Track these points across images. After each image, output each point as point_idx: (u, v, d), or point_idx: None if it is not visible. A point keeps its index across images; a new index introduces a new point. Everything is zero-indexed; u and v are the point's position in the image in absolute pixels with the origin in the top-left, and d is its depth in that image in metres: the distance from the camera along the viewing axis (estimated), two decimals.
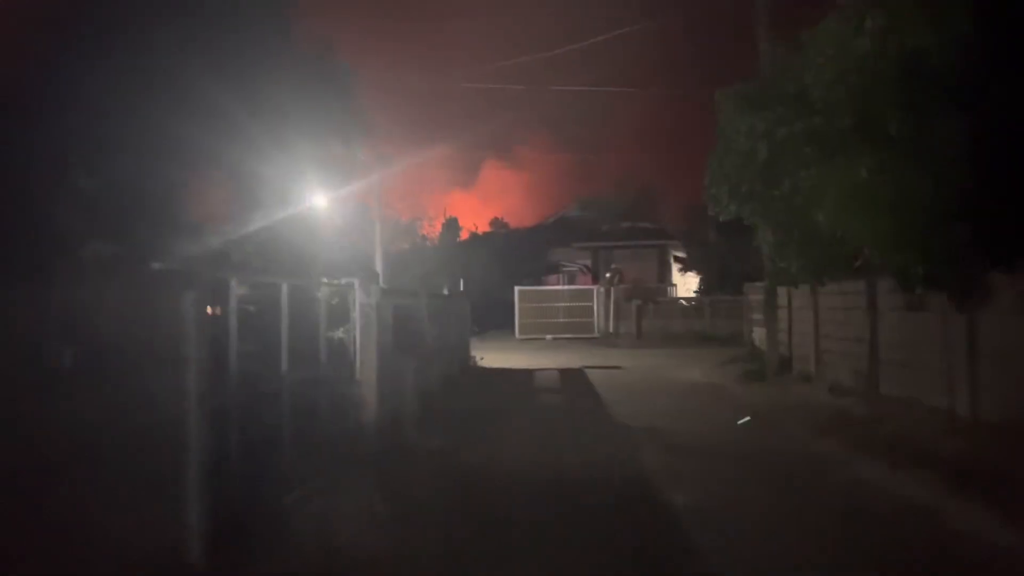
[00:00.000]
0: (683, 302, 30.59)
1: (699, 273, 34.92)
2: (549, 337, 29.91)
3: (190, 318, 5.03)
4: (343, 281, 9.80)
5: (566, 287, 34.97)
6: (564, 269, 43.88)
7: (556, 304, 30.89)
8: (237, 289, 12.46)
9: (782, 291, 16.01)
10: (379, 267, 27.00)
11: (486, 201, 57.17)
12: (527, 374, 18.85)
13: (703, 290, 33.05)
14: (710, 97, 12.52)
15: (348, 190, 24.66)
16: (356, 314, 9.62)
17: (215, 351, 7.22)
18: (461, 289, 28.34)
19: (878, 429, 10.05)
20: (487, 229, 45.57)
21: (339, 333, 10.51)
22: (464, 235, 41.71)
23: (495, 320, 32.49)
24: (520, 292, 30.91)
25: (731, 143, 11.41)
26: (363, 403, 9.62)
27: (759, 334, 18.43)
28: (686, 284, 37.31)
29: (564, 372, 19.19)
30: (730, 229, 32.21)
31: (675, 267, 42.05)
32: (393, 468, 8.66)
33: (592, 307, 30.53)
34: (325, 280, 10.64)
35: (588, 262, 42.11)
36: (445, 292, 27.99)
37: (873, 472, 8.18)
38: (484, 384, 16.11)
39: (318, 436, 8.74)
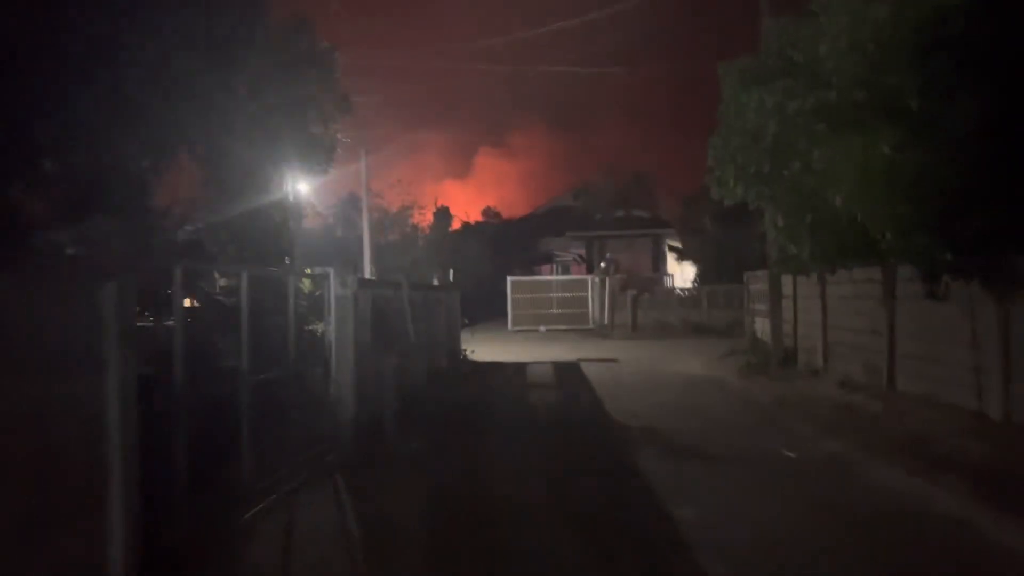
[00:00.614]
0: (679, 292, 29.80)
1: (695, 263, 34.18)
2: (543, 328, 29.15)
3: (110, 313, 4.22)
4: (317, 271, 9.00)
5: (560, 277, 34.20)
6: (557, 259, 43.12)
7: (550, 295, 30.09)
8: (219, 281, 11.63)
9: (787, 279, 15.24)
10: (367, 257, 26.25)
11: (481, 191, 56.51)
12: (519, 368, 18.08)
13: (699, 280, 32.30)
14: (709, 77, 11.74)
15: (334, 175, 23.85)
16: (331, 307, 8.82)
17: (163, 348, 6.44)
18: (451, 279, 27.59)
19: (896, 429, 9.31)
20: (479, 219, 44.83)
21: (321, 327, 9.73)
22: (456, 225, 40.93)
23: (488, 311, 31.74)
24: (513, 282, 30.12)
25: (737, 121, 10.60)
26: (338, 403, 8.83)
27: (761, 325, 17.69)
28: (682, 274, 36.60)
29: (558, 366, 18.42)
30: (727, 217, 31.50)
31: (670, 256, 41.35)
32: (369, 476, 7.88)
33: (587, 297, 29.75)
34: (308, 271, 9.86)
35: (582, 251, 41.35)
36: (435, 283, 27.23)
37: (893, 478, 7.43)
38: (474, 379, 15.34)
39: (288, 442, 7.97)
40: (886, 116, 8.49)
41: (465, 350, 19.67)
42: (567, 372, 17.09)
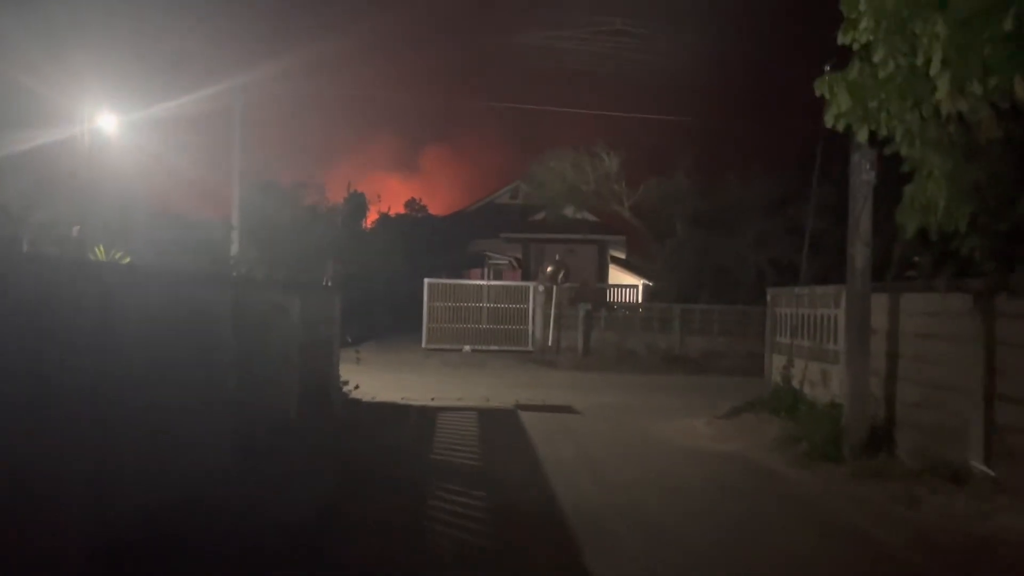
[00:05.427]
0: (643, 310, 23.49)
1: (650, 275, 28.17)
2: (467, 348, 22.55)
3: None
4: None
5: (493, 282, 27.40)
6: (490, 262, 36.67)
7: (479, 304, 23.36)
8: None
9: (879, 303, 9.09)
10: (236, 232, 19.31)
11: (429, 189, 50.53)
12: (424, 420, 11.47)
13: (658, 295, 26.06)
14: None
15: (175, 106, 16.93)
16: None
17: None
18: (332, 278, 20.87)
19: None
20: (401, 211, 38.01)
21: None
22: (373, 215, 34.08)
23: (403, 322, 24.99)
24: (431, 286, 23.28)
25: None
26: None
27: (801, 370, 11.53)
28: (635, 288, 30.51)
29: (486, 416, 11.89)
30: (703, 221, 25.58)
31: (616, 268, 35.55)
32: None
33: (527, 310, 23.13)
34: None
35: (518, 255, 34.99)
36: (327, 283, 20.49)
37: None
38: (331, 450, 8.70)
39: None
40: None
41: (346, 384, 13.05)
42: (501, 436, 10.53)
